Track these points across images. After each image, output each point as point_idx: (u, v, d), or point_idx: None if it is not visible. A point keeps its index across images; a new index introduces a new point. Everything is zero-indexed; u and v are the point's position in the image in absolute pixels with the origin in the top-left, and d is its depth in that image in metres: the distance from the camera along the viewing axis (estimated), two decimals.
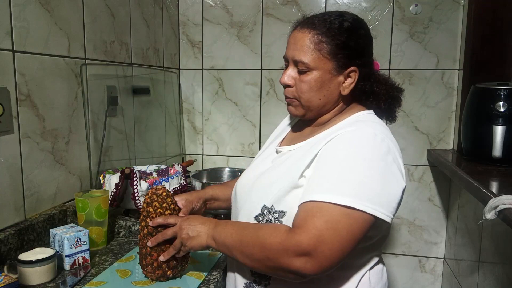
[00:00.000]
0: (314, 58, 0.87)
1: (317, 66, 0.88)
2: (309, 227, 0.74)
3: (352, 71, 0.89)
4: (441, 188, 1.97)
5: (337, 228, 0.74)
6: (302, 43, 0.88)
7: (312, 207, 0.77)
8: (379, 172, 0.79)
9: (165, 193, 0.94)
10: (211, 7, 2.07)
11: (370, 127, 0.85)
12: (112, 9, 1.49)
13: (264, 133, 2.10)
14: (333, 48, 0.87)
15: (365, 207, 0.75)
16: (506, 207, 1.01)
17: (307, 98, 0.91)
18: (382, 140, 0.82)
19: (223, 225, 0.86)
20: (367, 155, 0.80)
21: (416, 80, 1.92)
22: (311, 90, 0.89)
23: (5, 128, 1.03)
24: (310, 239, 0.73)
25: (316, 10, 1.95)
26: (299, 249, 0.74)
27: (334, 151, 0.82)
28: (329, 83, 0.89)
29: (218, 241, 0.85)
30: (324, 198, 0.76)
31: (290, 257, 0.75)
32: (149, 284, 0.93)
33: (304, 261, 0.74)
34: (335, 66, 0.88)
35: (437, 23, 1.87)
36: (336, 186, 0.77)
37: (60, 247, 0.99)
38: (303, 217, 0.77)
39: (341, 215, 0.75)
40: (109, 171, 1.34)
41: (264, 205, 0.88)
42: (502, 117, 1.50)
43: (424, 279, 2.04)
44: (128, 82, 1.63)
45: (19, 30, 1.06)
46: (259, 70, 2.06)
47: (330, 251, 0.74)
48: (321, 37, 0.87)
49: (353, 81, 0.90)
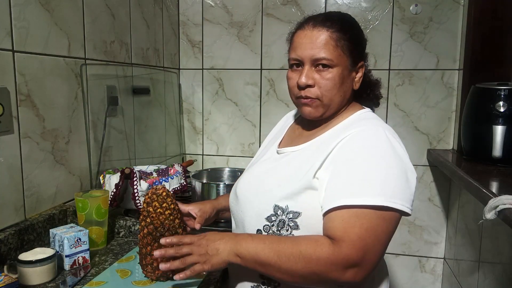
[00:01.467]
0: (337, 54, 0.88)
1: (339, 62, 0.88)
2: (353, 238, 0.75)
3: (361, 66, 0.93)
4: (441, 188, 1.97)
5: (377, 233, 0.76)
6: (321, 41, 0.88)
7: (348, 216, 0.77)
8: (397, 168, 0.81)
9: (165, 193, 0.94)
10: (211, 7, 2.07)
11: (376, 125, 0.87)
12: (112, 9, 1.50)
13: (264, 133, 2.10)
14: (350, 44, 0.89)
15: (396, 205, 0.77)
16: (506, 207, 1.01)
17: (330, 96, 0.90)
18: (391, 137, 0.85)
19: (248, 240, 0.83)
20: (383, 154, 0.82)
21: (416, 80, 1.92)
22: (334, 87, 0.89)
23: (5, 128, 1.03)
24: (358, 251, 0.75)
25: (316, 10, 1.95)
26: (348, 263, 0.75)
27: (350, 153, 0.83)
28: (348, 79, 0.91)
29: (245, 257, 0.81)
30: (355, 201, 0.77)
31: (340, 270, 0.75)
32: (149, 284, 0.93)
33: (354, 272, 0.76)
34: (351, 62, 0.90)
35: (437, 23, 1.87)
36: (364, 187, 0.78)
37: (60, 247, 0.99)
38: (342, 227, 0.77)
39: (378, 219, 0.77)
40: (109, 171, 1.34)
41: (276, 205, 0.87)
42: (502, 117, 1.50)
43: (424, 279, 2.04)
44: (128, 82, 1.63)
45: (19, 30, 1.06)
46: (259, 70, 2.06)
47: (375, 257, 0.77)
48: (338, 34, 0.88)
49: (361, 75, 0.94)
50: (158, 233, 0.91)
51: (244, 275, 0.92)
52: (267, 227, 0.89)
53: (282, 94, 2.05)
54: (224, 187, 1.32)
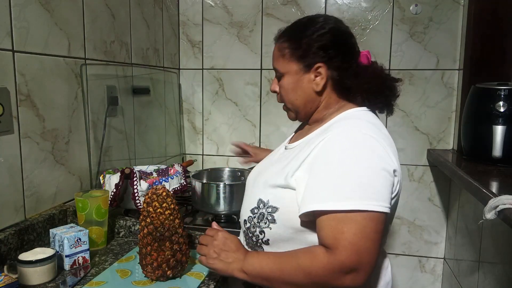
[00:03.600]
0: (281, 63, 0.96)
1: (286, 70, 0.96)
2: (345, 244, 0.76)
3: (319, 67, 0.92)
4: (441, 188, 1.97)
5: (367, 234, 0.77)
6: (273, 53, 0.99)
7: (335, 223, 0.78)
8: (374, 168, 0.81)
9: (165, 193, 0.94)
10: (211, 7, 2.07)
11: (354, 125, 0.87)
12: (112, 9, 1.49)
13: (264, 133, 2.10)
14: (293, 51, 0.94)
15: (375, 207, 0.78)
16: (506, 207, 1.01)
17: (288, 101, 0.99)
18: (370, 135, 0.84)
19: (254, 256, 0.87)
20: (359, 155, 0.82)
21: (416, 80, 1.92)
22: (287, 93, 0.97)
23: (5, 128, 1.03)
24: (351, 256, 0.76)
25: (316, 10, 1.95)
26: (345, 269, 0.77)
27: (327, 156, 0.84)
28: (300, 83, 0.95)
29: (251, 273, 0.85)
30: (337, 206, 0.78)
31: (339, 277, 0.77)
32: (149, 284, 0.93)
33: (353, 276, 0.77)
34: (301, 66, 0.94)
35: (437, 23, 1.87)
36: (344, 192, 0.79)
37: (60, 247, 0.99)
38: (332, 235, 0.78)
39: (364, 220, 0.77)
40: (109, 171, 1.34)
41: (260, 199, 0.93)
42: (502, 117, 1.50)
43: (424, 279, 2.04)
44: (128, 82, 1.63)
45: (19, 30, 1.06)
46: (259, 70, 2.06)
47: (370, 257, 0.77)
48: (283, 44, 0.96)
49: (323, 76, 0.93)
50: (158, 233, 0.91)
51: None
52: (250, 218, 0.96)
53: None
54: (224, 187, 1.32)
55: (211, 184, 1.34)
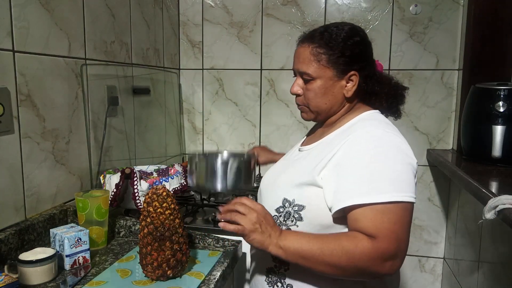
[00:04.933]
0: (315, 68, 0.96)
1: (319, 75, 0.96)
2: (386, 233, 0.81)
3: (352, 75, 0.97)
4: (440, 188, 1.97)
5: (403, 224, 0.84)
6: (303, 57, 0.98)
7: (373, 214, 0.83)
8: (402, 163, 0.88)
9: (166, 193, 0.94)
10: (211, 7, 2.07)
11: (377, 126, 0.93)
12: (112, 9, 1.50)
13: (264, 133, 2.10)
14: (331, 58, 0.95)
15: (407, 198, 0.84)
16: (505, 207, 1.01)
17: (314, 104, 0.99)
18: (393, 134, 0.92)
19: (292, 234, 0.88)
20: (387, 152, 0.88)
21: (416, 80, 1.92)
22: (316, 96, 0.98)
23: (6, 128, 1.03)
24: (393, 244, 0.81)
25: (316, 10, 1.96)
26: (387, 256, 0.81)
27: (357, 155, 0.88)
28: (332, 88, 0.98)
29: (288, 250, 0.86)
30: (375, 199, 0.83)
31: (379, 264, 0.82)
32: (149, 284, 0.93)
33: (391, 263, 0.82)
34: (336, 73, 0.96)
35: (437, 23, 1.87)
36: (377, 186, 0.84)
37: (61, 247, 0.99)
38: (372, 225, 0.82)
39: (401, 210, 0.83)
40: (110, 171, 1.34)
41: (285, 198, 0.97)
42: (501, 117, 1.50)
43: (424, 279, 2.04)
44: (128, 82, 1.63)
45: (19, 30, 1.07)
46: (259, 70, 2.06)
47: (405, 246, 0.84)
48: (319, 49, 0.96)
49: (355, 84, 0.98)
50: (158, 233, 0.91)
51: (260, 257, 1.01)
52: (275, 217, 0.98)
53: (282, 94, 2.05)
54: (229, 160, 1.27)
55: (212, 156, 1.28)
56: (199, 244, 1.17)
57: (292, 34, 2.00)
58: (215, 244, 1.16)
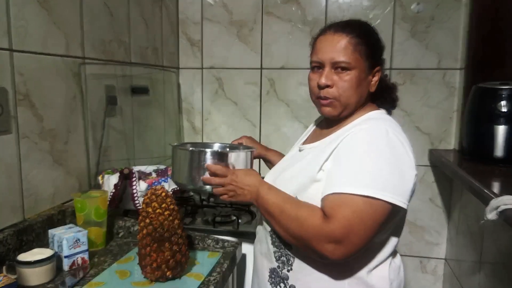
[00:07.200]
0: (355, 58, 0.94)
1: (357, 65, 0.95)
2: (339, 217, 0.82)
3: (377, 70, 0.99)
4: (442, 189, 1.96)
5: (362, 216, 0.82)
6: (341, 46, 0.94)
7: (338, 198, 0.84)
8: (391, 163, 0.87)
9: (164, 194, 0.93)
10: (210, 6, 2.06)
11: (382, 124, 0.93)
12: (110, 8, 1.49)
13: (264, 133, 2.09)
14: (367, 49, 0.95)
15: (384, 196, 0.83)
16: (507, 207, 1.01)
17: (347, 96, 0.96)
18: (393, 135, 0.90)
19: (266, 191, 0.95)
20: (379, 149, 0.87)
21: (417, 79, 1.91)
22: (351, 88, 0.95)
23: (4, 128, 1.02)
24: (342, 229, 0.81)
25: (317, 8, 1.95)
26: (331, 237, 0.82)
27: (352, 147, 0.89)
28: (364, 82, 0.97)
29: (260, 204, 0.95)
30: (347, 190, 0.83)
31: (321, 242, 0.83)
32: (148, 285, 0.92)
33: (333, 247, 0.82)
34: (368, 66, 0.97)
35: (439, 22, 1.86)
36: (357, 178, 0.84)
37: (59, 248, 0.99)
38: (331, 207, 0.84)
39: (365, 204, 0.82)
40: (108, 172, 1.33)
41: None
42: (504, 117, 1.49)
43: (425, 279, 2.04)
44: (127, 81, 1.62)
45: (17, 29, 1.06)
46: (259, 69, 2.05)
47: (358, 239, 0.82)
48: (357, 39, 0.95)
49: (377, 79, 1.00)
50: (157, 233, 0.91)
51: (263, 257, 1.02)
52: None
53: (282, 94, 2.04)
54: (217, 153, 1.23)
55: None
56: (198, 245, 1.17)
57: (292, 33, 1.99)
58: (215, 245, 1.15)
